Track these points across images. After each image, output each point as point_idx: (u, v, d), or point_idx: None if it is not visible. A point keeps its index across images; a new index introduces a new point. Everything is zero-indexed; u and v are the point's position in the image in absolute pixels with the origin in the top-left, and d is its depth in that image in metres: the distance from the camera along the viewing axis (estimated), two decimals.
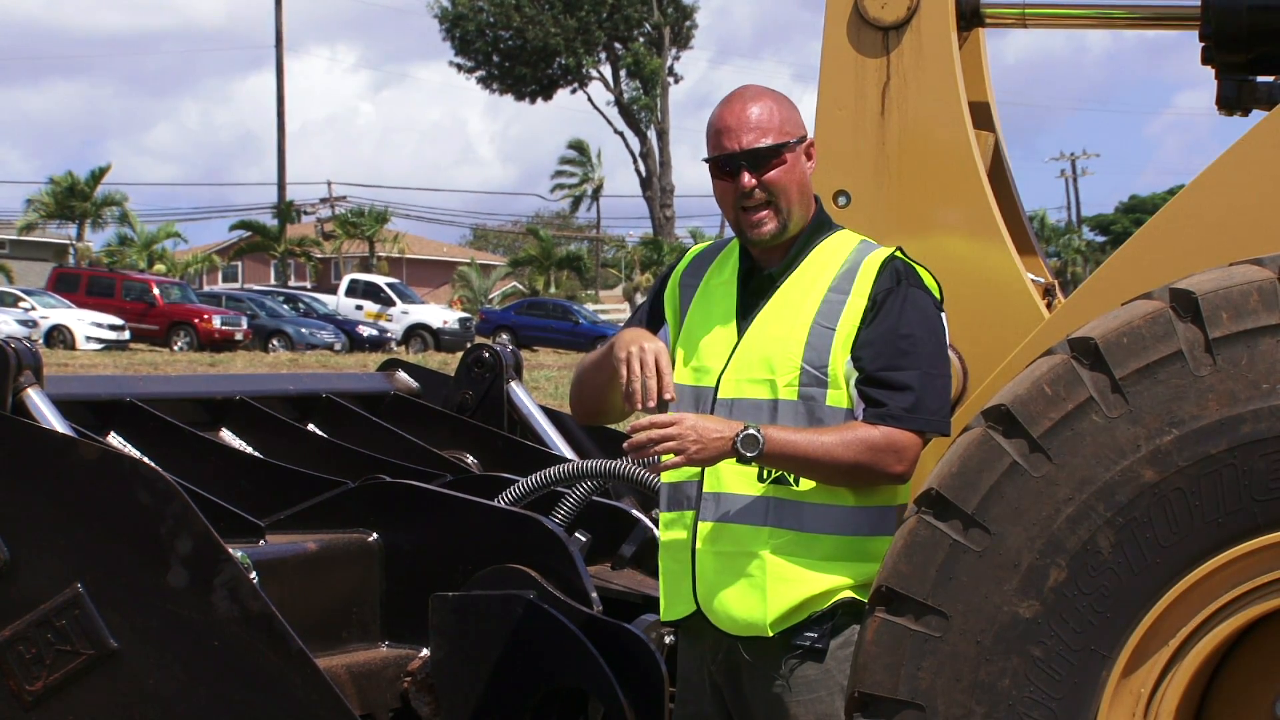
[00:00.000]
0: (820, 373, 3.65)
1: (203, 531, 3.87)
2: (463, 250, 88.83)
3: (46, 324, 43.06)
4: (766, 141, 3.70)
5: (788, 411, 3.66)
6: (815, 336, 3.66)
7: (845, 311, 3.67)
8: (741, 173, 3.70)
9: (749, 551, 3.66)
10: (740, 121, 3.71)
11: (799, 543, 3.66)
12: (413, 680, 4.40)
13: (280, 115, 67.50)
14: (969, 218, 4.34)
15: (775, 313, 3.72)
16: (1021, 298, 4.33)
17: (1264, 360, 3.36)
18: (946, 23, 4.35)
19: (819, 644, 3.66)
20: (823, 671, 3.67)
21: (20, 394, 4.54)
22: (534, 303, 57.34)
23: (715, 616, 3.71)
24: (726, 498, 3.70)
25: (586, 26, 73.66)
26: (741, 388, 3.70)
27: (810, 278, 3.73)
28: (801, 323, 3.68)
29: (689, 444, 3.56)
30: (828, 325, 3.66)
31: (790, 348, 3.67)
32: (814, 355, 3.66)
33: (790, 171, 3.71)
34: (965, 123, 4.35)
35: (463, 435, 5.79)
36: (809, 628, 3.66)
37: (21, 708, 3.95)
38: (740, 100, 3.75)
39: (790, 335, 3.68)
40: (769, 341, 3.70)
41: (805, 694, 3.67)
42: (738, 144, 3.70)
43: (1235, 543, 3.38)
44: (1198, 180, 4.09)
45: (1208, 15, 4.40)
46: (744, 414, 3.67)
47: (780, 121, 3.72)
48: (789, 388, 3.66)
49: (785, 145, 3.71)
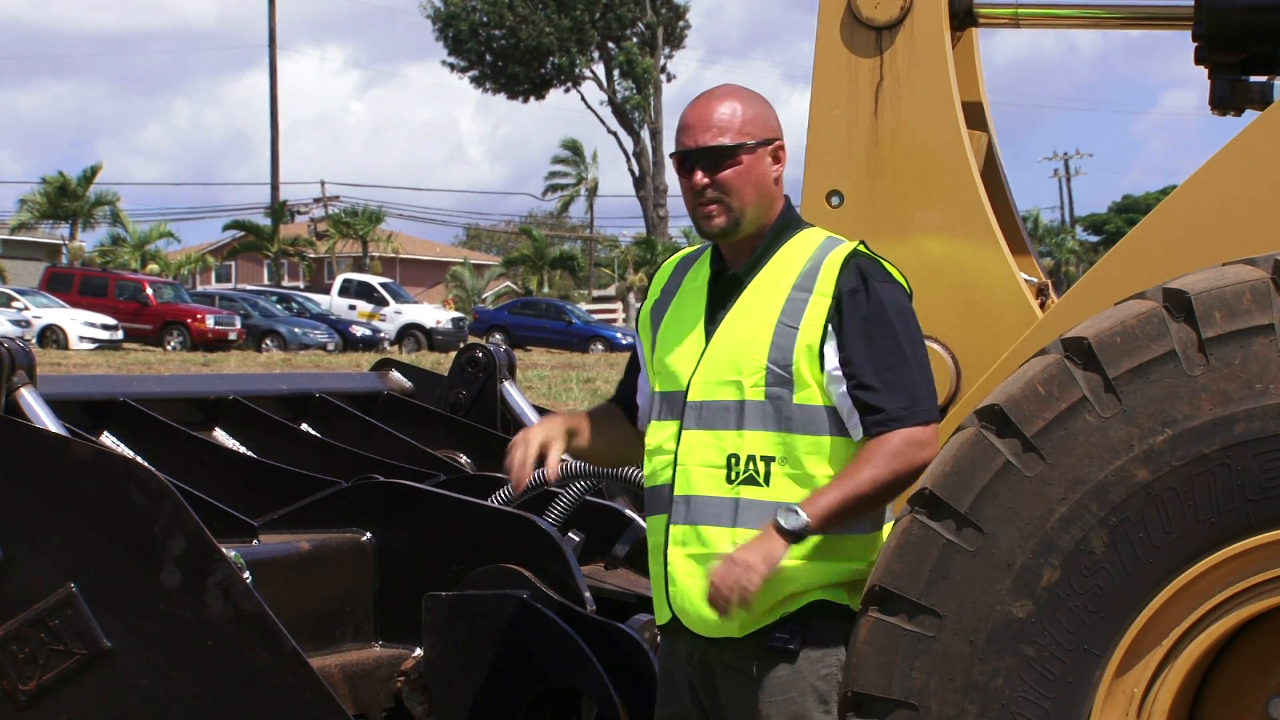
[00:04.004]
0: (785, 372, 3.65)
1: (196, 531, 3.87)
2: (456, 250, 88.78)
3: (39, 324, 43.02)
4: (722, 141, 3.71)
5: (755, 412, 3.66)
6: (780, 336, 3.67)
7: (808, 310, 3.67)
8: (696, 170, 3.72)
9: (718, 554, 3.64)
10: (700, 120, 3.74)
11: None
12: (406, 680, 4.40)
13: (274, 115, 67.49)
14: (962, 217, 4.34)
15: (741, 313, 3.73)
16: (1015, 297, 4.33)
17: (1257, 360, 3.36)
18: (940, 23, 4.36)
19: (790, 645, 3.65)
20: (794, 672, 3.65)
21: (13, 394, 4.53)
22: (527, 302, 57.34)
23: (687, 619, 3.70)
24: (696, 500, 3.70)
25: (579, 26, 73.66)
26: (710, 390, 3.71)
27: (775, 277, 3.73)
28: (766, 322, 3.69)
29: (747, 579, 3.55)
30: (791, 324, 3.67)
31: (755, 348, 3.68)
32: (779, 355, 3.66)
33: (745, 172, 3.72)
34: (958, 122, 4.35)
35: (456, 435, 5.79)
36: (780, 629, 3.66)
37: (15, 707, 3.95)
38: (706, 99, 3.78)
39: (755, 335, 3.69)
40: (735, 342, 3.71)
41: (777, 695, 3.66)
42: (694, 141, 3.73)
43: (1228, 542, 3.39)
44: (1191, 180, 4.09)
45: (1200, 15, 4.41)
46: (713, 416, 3.69)
47: (742, 122, 3.73)
48: (755, 388, 3.66)
49: (742, 146, 3.71)
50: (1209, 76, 4.53)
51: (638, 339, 3.97)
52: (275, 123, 67.55)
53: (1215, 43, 4.42)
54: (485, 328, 50.11)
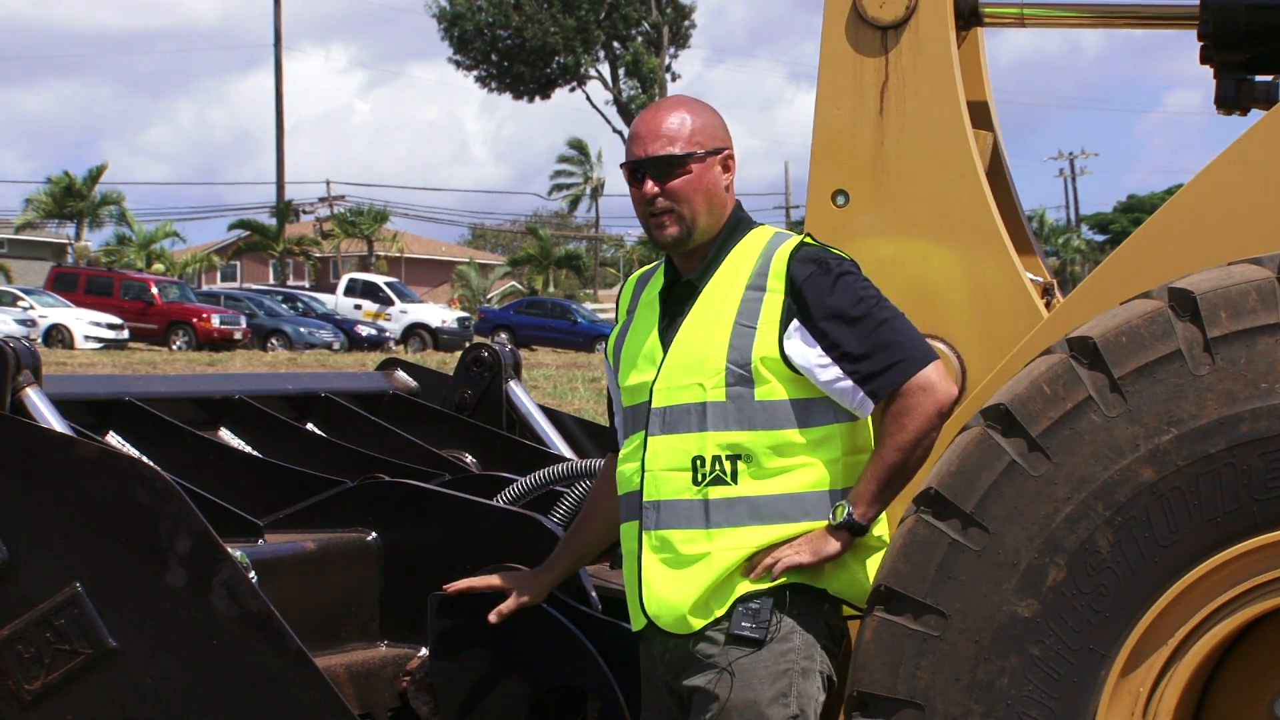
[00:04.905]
0: (745, 371, 3.68)
1: (201, 531, 3.87)
2: (461, 249, 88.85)
3: (45, 323, 43.06)
4: (671, 151, 3.75)
5: (718, 412, 3.68)
6: (737, 336, 3.70)
7: (764, 307, 3.71)
8: (645, 180, 3.76)
9: (690, 555, 3.68)
10: (650, 130, 3.78)
11: (738, 539, 3.67)
12: (411, 679, 4.40)
13: (279, 114, 67.51)
14: (967, 217, 4.33)
15: (698, 318, 3.77)
16: (1020, 297, 4.32)
17: (1262, 359, 3.36)
18: (945, 22, 4.35)
19: (755, 634, 3.66)
20: (756, 660, 3.65)
21: (19, 393, 4.53)
22: (533, 302, 57.36)
23: (662, 621, 3.73)
24: (665, 505, 3.72)
25: (585, 26, 73.71)
26: (671, 395, 3.74)
27: (728, 279, 3.77)
28: (723, 324, 3.72)
29: (788, 559, 3.64)
30: (748, 324, 3.70)
31: (714, 350, 3.71)
32: (737, 355, 3.69)
33: (694, 181, 3.76)
34: (964, 122, 4.35)
35: (461, 434, 5.79)
36: (746, 618, 3.66)
37: (20, 707, 3.95)
38: (655, 110, 3.83)
39: (713, 338, 3.72)
40: (693, 346, 3.74)
41: (738, 679, 3.65)
42: (644, 151, 3.77)
43: (1234, 542, 3.39)
44: (1196, 179, 4.08)
45: (1206, 14, 4.40)
46: (676, 420, 3.72)
47: (691, 132, 3.77)
48: (716, 389, 3.69)
49: (691, 155, 3.75)
50: (1214, 76, 4.52)
51: (607, 365, 4.00)
52: (280, 122, 67.61)
53: (1220, 42, 4.42)
54: (490, 327, 50.13)
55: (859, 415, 3.71)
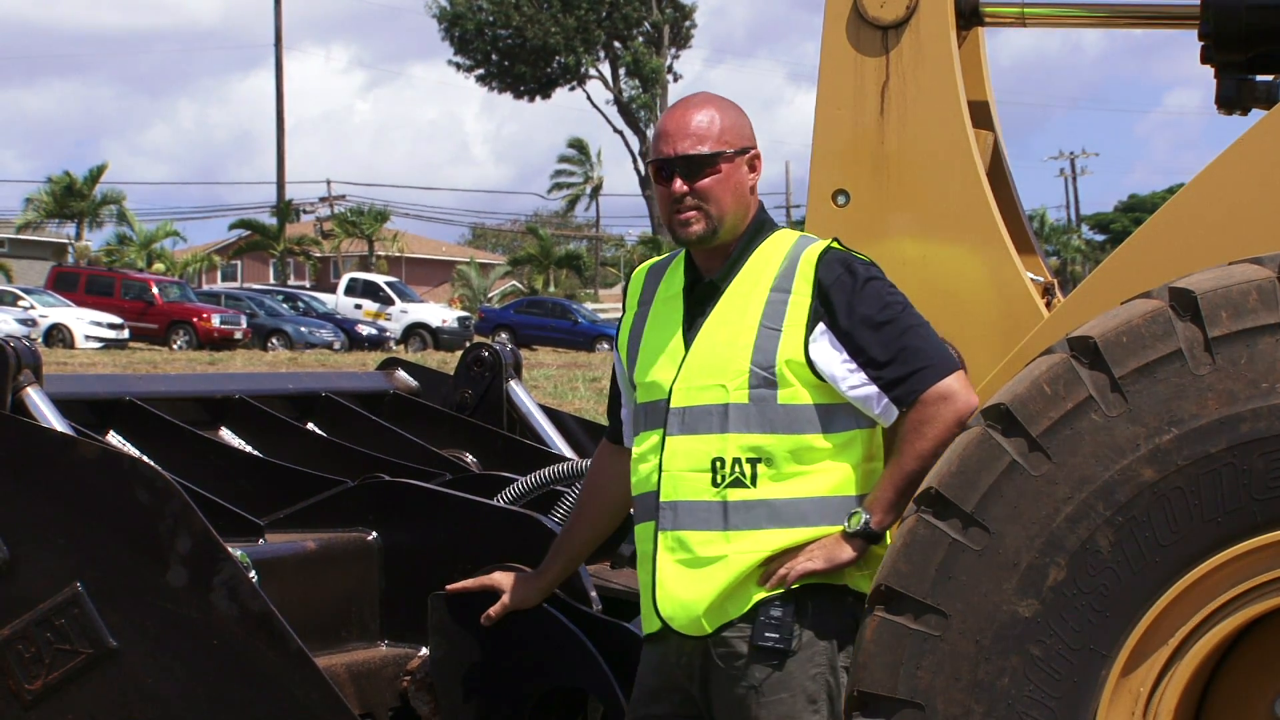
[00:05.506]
0: (769, 373, 3.67)
1: (202, 530, 3.87)
2: (462, 249, 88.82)
3: (46, 323, 43.06)
4: (701, 149, 3.74)
5: (739, 415, 3.67)
6: (762, 338, 3.69)
7: (789, 310, 3.69)
8: (674, 178, 3.74)
9: (707, 557, 3.67)
10: (679, 128, 3.76)
11: (756, 542, 3.66)
12: (412, 679, 4.40)
13: (279, 114, 67.50)
14: (968, 216, 4.34)
15: (721, 319, 3.75)
16: (1020, 296, 4.33)
17: (1263, 359, 3.36)
18: (946, 22, 4.35)
19: (779, 645, 3.66)
20: (786, 674, 3.66)
21: (20, 393, 4.53)
22: (533, 301, 57.34)
23: (676, 622, 3.71)
24: (683, 505, 3.71)
25: (585, 25, 73.71)
26: (692, 395, 3.72)
27: (752, 281, 3.75)
28: (748, 326, 3.70)
29: (802, 566, 3.65)
30: (773, 326, 3.69)
31: (738, 351, 3.69)
32: (761, 357, 3.68)
33: (724, 180, 3.75)
34: (965, 122, 4.35)
35: (462, 434, 5.79)
36: (770, 629, 3.66)
37: (21, 706, 3.95)
38: (683, 107, 3.81)
39: (737, 339, 3.70)
40: (716, 347, 3.73)
41: (769, 695, 3.66)
42: (673, 150, 3.75)
43: (1234, 542, 3.39)
44: (1197, 179, 4.08)
45: (1207, 14, 4.40)
46: (696, 421, 3.71)
47: (720, 131, 3.76)
48: (739, 391, 3.68)
49: (720, 154, 3.74)
50: (1215, 76, 4.53)
51: (616, 357, 3.98)
52: (281, 122, 67.61)
53: (1221, 41, 4.42)
54: (491, 327, 50.11)
55: (882, 423, 3.70)
